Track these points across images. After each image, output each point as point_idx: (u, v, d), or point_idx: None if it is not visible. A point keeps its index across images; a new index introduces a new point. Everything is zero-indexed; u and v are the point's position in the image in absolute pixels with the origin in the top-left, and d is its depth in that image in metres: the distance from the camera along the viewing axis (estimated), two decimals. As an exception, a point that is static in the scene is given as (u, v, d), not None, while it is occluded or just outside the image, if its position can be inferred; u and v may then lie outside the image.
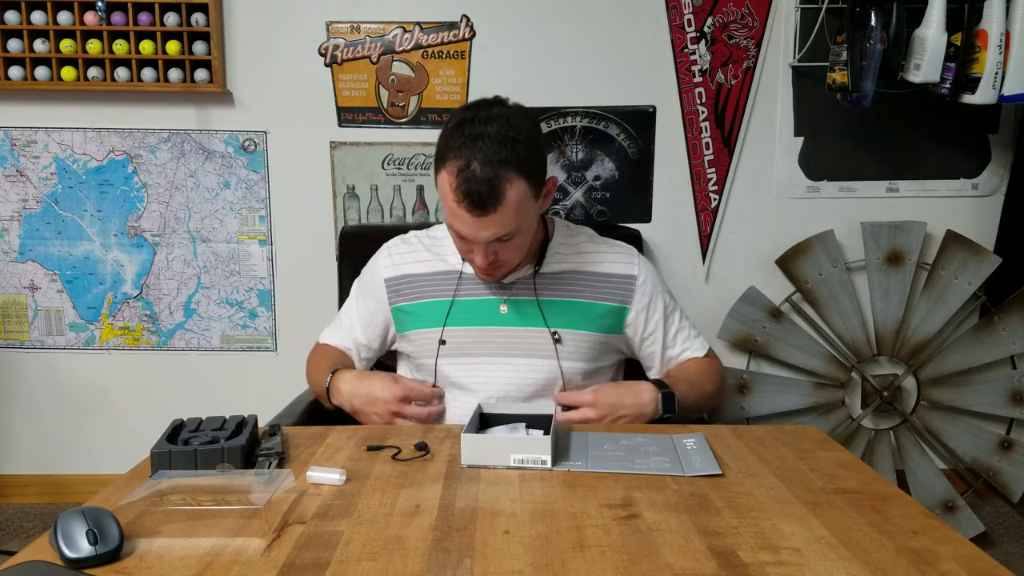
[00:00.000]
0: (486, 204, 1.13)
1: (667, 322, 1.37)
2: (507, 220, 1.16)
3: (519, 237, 1.22)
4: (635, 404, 1.21)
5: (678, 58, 2.09)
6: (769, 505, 0.87)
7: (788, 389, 2.20)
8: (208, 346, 2.21)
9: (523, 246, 1.25)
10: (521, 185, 1.15)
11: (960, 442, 2.19)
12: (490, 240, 1.18)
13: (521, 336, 1.29)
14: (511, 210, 1.15)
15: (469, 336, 1.30)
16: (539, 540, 0.78)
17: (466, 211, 1.14)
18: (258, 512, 0.81)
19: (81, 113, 2.11)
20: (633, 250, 1.41)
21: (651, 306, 1.36)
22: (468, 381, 1.30)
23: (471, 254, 1.23)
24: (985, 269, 2.12)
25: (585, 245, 1.37)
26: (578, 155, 2.14)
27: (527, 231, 1.23)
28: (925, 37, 1.77)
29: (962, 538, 0.79)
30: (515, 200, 1.15)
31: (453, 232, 1.22)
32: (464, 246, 1.24)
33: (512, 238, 1.20)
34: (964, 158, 2.16)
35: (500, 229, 1.16)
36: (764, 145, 2.14)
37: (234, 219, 2.16)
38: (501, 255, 1.22)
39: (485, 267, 1.23)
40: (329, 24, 2.07)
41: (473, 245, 1.20)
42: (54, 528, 0.75)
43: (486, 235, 1.17)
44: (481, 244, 1.19)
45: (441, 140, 1.18)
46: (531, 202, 1.19)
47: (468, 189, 1.12)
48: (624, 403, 1.21)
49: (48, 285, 2.18)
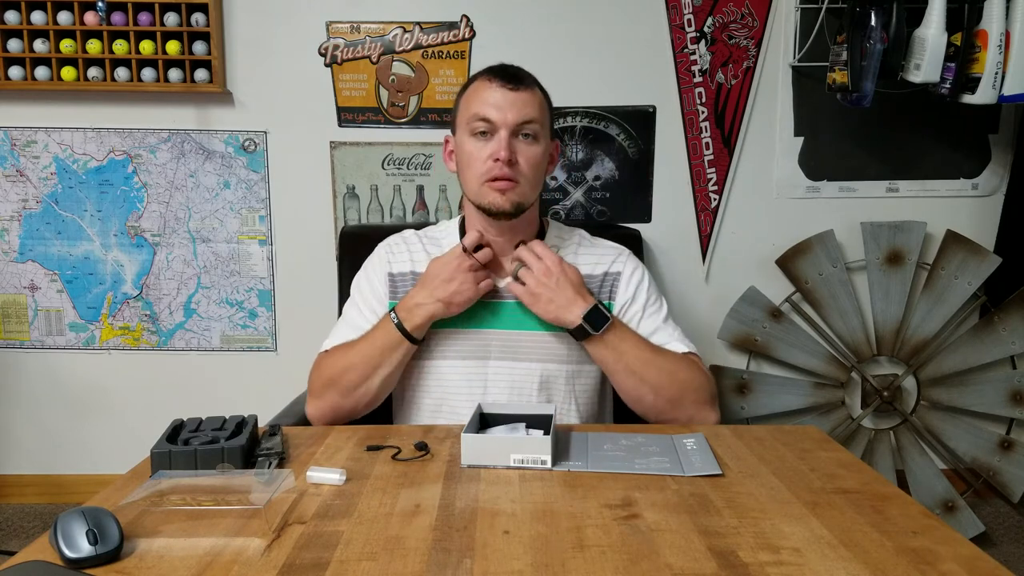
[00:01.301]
0: (520, 79, 1.25)
1: (644, 312, 1.32)
2: (534, 104, 1.25)
3: (538, 145, 1.25)
4: (561, 306, 1.22)
5: (678, 58, 2.09)
6: (769, 505, 0.87)
7: (788, 389, 2.20)
8: (208, 346, 2.21)
9: (538, 164, 1.26)
10: (542, 96, 1.28)
11: (960, 442, 2.19)
12: (517, 122, 1.22)
13: (515, 338, 1.29)
14: (537, 100, 1.26)
15: (464, 337, 1.30)
16: (539, 540, 0.78)
17: (498, 86, 1.23)
18: (258, 512, 0.81)
19: (81, 113, 2.11)
20: (623, 249, 1.40)
21: (634, 299, 1.33)
22: (463, 382, 1.29)
23: (491, 155, 1.22)
24: (985, 269, 2.12)
25: (575, 247, 1.37)
26: (578, 155, 2.14)
27: (542, 148, 1.27)
28: (925, 37, 1.77)
29: (962, 538, 0.79)
30: (539, 97, 1.27)
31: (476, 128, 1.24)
32: (484, 148, 1.24)
33: (533, 139, 1.24)
34: (964, 158, 2.16)
35: (528, 111, 1.23)
36: (764, 145, 2.14)
37: (234, 219, 2.16)
38: (520, 158, 1.23)
39: (506, 158, 1.21)
40: (329, 24, 2.07)
41: (497, 134, 1.22)
42: (54, 528, 0.75)
43: (515, 113, 1.22)
44: (506, 132, 1.22)
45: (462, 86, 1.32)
46: (547, 121, 1.28)
47: (502, 68, 1.26)
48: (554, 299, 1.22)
49: (48, 285, 2.18)
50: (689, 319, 2.15)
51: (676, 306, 2.14)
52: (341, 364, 1.26)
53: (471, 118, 1.24)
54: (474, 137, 1.25)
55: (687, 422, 1.22)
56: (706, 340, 2.20)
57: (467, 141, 1.26)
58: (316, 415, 1.27)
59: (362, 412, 1.28)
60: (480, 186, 1.25)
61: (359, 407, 1.27)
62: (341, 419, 1.27)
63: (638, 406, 1.25)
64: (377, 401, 1.28)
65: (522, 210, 1.27)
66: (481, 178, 1.25)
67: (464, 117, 1.27)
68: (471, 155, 1.25)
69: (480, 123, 1.23)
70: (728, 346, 2.23)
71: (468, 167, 1.27)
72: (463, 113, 1.27)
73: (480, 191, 1.26)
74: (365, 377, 1.24)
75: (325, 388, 1.26)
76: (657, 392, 1.22)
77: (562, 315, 1.22)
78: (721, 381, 2.21)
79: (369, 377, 1.24)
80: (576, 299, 1.22)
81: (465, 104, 1.27)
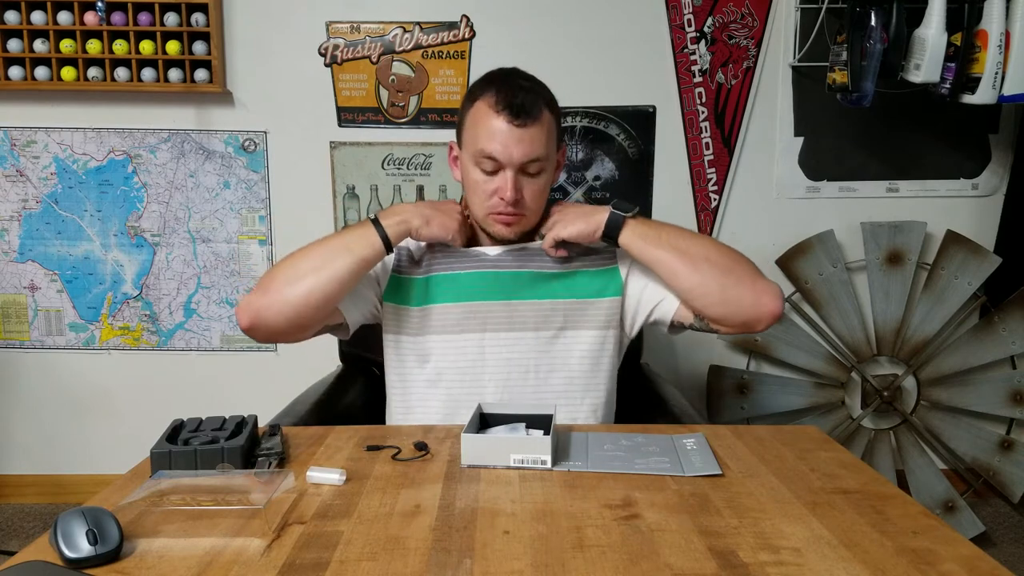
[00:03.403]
0: (528, 112, 1.19)
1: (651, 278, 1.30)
2: (540, 140, 1.21)
3: (543, 177, 1.25)
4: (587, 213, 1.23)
5: (678, 58, 2.09)
6: (769, 505, 0.87)
7: (788, 389, 2.20)
8: (208, 346, 2.21)
9: (543, 193, 1.26)
10: (551, 118, 1.25)
11: (960, 442, 2.19)
12: (523, 161, 1.21)
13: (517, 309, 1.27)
14: (544, 131, 1.22)
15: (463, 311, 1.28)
16: (539, 540, 0.78)
17: (505, 121, 1.20)
18: (258, 512, 0.81)
19: (81, 113, 2.11)
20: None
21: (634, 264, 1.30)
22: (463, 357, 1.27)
23: (496, 192, 1.23)
24: (985, 269, 2.12)
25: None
26: (578, 155, 2.14)
27: (548, 177, 1.26)
28: (925, 37, 1.77)
29: (962, 538, 0.79)
30: (547, 124, 1.23)
31: (481, 164, 1.23)
32: (490, 183, 1.23)
33: (538, 173, 1.23)
34: (964, 158, 2.16)
35: (534, 148, 1.21)
36: (764, 145, 2.14)
37: (234, 219, 2.16)
38: (525, 193, 1.23)
39: (511, 199, 1.22)
40: (329, 24, 2.07)
41: (503, 172, 1.22)
42: (54, 528, 0.75)
43: (521, 152, 1.20)
44: (512, 170, 1.21)
45: (469, 89, 1.28)
46: (555, 143, 1.26)
47: (510, 101, 1.19)
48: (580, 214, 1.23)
49: (48, 285, 2.18)
50: (689, 319, 2.15)
51: (676, 306, 2.14)
52: (299, 253, 1.21)
53: (476, 153, 1.23)
54: (479, 168, 1.24)
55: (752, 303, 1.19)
56: (706, 340, 2.20)
57: (472, 170, 1.25)
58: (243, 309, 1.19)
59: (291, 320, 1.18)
60: (485, 216, 1.27)
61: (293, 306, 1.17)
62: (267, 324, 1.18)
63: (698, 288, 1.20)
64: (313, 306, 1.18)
65: (527, 235, 1.30)
66: (486, 210, 1.26)
67: (469, 146, 1.25)
68: (476, 184, 1.26)
69: (486, 161, 1.22)
70: (728, 346, 2.23)
71: (473, 194, 1.28)
72: (468, 140, 1.25)
73: (485, 220, 1.28)
74: (317, 268, 1.17)
75: (267, 279, 1.20)
76: (710, 261, 1.19)
77: (591, 217, 1.22)
78: (721, 381, 2.22)
79: (321, 269, 1.17)
80: (597, 208, 1.24)
81: (471, 130, 1.24)
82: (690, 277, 1.20)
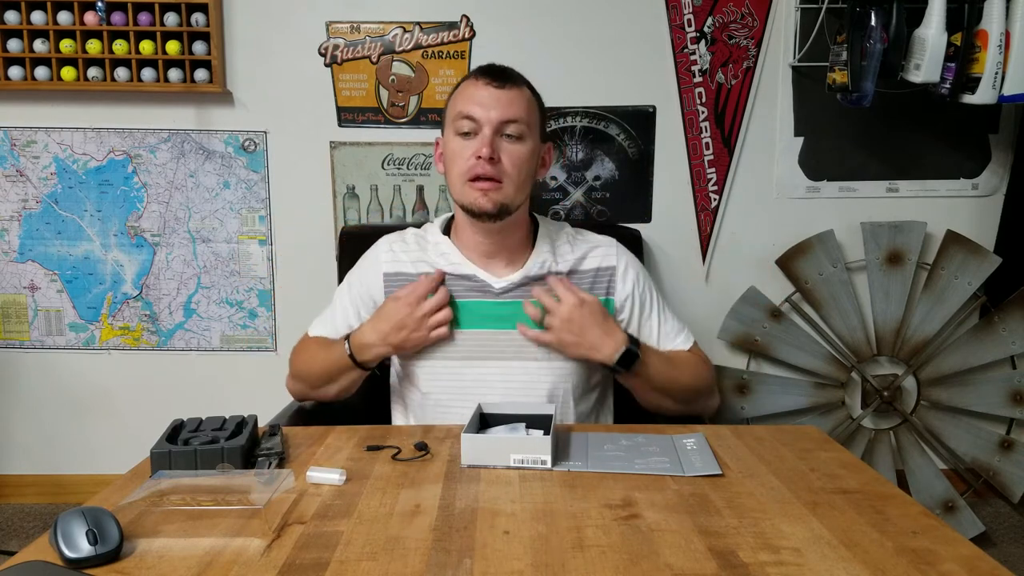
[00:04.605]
0: (505, 76, 1.24)
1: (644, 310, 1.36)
2: (520, 104, 1.23)
3: (523, 145, 1.24)
4: (592, 346, 1.24)
5: (678, 58, 2.09)
6: (769, 505, 0.87)
7: (788, 389, 2.20)
8: (208, 346, 2.21)
9: (523, 163, 1.24)
10: (532, 96, 1.28)
11: (960, 442, 2.19)
12: (500, 120, 1.21)
13: (513, 339, 1.29)
14: (524, 99, 1.25)
15: (461, 339, 1.29)
16: (539, 540, 0.78)
17: (484, 84, 1.23)
18: (258, 512, 0.81)
19: (81, 113, 2.11)
20: (612, 241, 1.40)
21: (632, 295, 1.35)
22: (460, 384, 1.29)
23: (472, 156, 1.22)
24: (985, 269, 2.12)
25: (563, 246, 1.36)
26: (578, 155, 2.14)
27: (528, 148, 1.25)
28: (925, 37, 1.77)
29: (962, 538, 0.79)
30: (527, 96, 1.26)
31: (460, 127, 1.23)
32: (468, 147, 1.23)
33: (518, 139, 1.23)
34: (964, 158, 2.16)
35: (512, 110, 1.22)
36: (764, 145, 2.14)
37: (234, 219, 2.16)
38: (504, 157, 1.22)
39: (487, 156, 1.20)
40: (329, 24, 2.07)
41: (481, 132, 1.22)
42: (54, 528, 0.75)
43: (498, 113, 1.21)
44: (490, 130, 1.21)
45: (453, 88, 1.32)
46: (536, 122, 1.27)
47: (490, 67, 1.27)
48: (582, 342, 1.23)
49: (48, 285, 2.18)
50: (689, 319, 2.12)
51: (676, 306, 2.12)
52: (308, 365, 1.37)
53: (456, 116, 1.24)
54: (459, 136, 1.24)
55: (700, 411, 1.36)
56: (706, 340, 2.20)
57: (452, 139, 1.26)
58: (292, 392, 1.43)
59: (332, 401, 1.38)
60: (463, 185, 1.25)
61: (326, 399, 1.38)
62: (314, 400, 1.40)
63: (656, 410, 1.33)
64: (340, 399, 1.37)
65: (507, 212, 1.25)
66: (463, 176, 1.24)
67: (450, 116, 1.27)
68: (455, 153, 1.25)
69: (464, 121, 1.22)
70: (728, 346, 2.23)
71: (452, 165, 1.26)
72: (450, 112, 1.28)
73: (463, 191, 1.25)
74: (324, 383, 1.34)
75: (296, 377, 1.40)
76: (676, 399, 1.32)
77: (593, 355, 1.24)
78: (721, 381, 2.21)
79: (327, 384, 1.34)
80: (604, 340, 1.23)
81: (452, 103, 1.28)
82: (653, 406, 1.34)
